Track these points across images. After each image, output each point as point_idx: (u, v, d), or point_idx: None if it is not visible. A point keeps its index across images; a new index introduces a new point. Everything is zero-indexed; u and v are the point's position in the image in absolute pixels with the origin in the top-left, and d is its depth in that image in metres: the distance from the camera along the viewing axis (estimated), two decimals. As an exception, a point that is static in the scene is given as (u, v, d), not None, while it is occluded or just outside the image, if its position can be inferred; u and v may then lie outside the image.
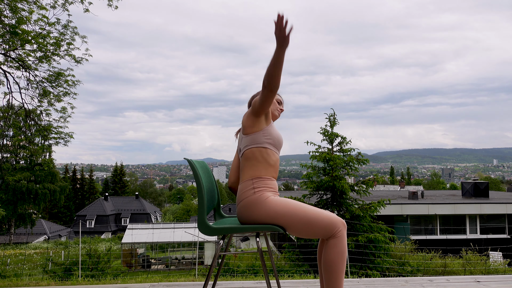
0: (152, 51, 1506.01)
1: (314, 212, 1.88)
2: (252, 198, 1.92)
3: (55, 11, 6.44)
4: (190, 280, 5.38)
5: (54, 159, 12.57)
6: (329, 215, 1.89)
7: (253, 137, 2.00)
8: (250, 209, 1.93)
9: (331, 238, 1.88)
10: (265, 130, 2.00)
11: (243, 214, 1.96)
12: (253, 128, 2.00)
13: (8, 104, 7.28)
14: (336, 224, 1.87)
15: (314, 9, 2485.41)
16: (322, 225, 1.86)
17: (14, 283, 4.74)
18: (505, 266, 9.07)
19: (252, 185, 1.95)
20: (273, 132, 2.04)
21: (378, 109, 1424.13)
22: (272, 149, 2.02)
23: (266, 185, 1.96)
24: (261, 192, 1.93)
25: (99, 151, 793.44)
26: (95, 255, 9.49)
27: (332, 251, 1.86)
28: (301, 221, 1.87)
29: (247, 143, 2.01)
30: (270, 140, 2.01)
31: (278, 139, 2.05)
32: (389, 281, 3.06)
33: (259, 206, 1.91)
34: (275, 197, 1.94)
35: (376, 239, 8.44)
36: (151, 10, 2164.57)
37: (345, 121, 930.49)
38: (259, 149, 1.99)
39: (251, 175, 1.97)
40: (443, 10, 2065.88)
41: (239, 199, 1.98)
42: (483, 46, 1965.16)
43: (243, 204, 1.95)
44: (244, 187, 1.97)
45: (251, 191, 1.94)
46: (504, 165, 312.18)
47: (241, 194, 1.97)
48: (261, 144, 1.99)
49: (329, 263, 1.87)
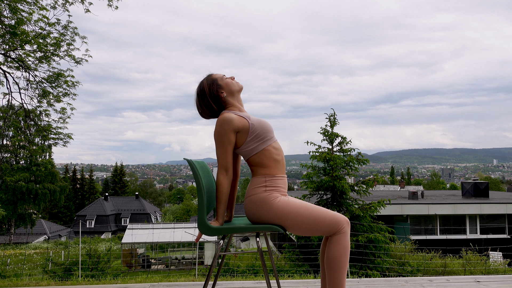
0: (148, 51, 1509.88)
1: (319, 211, 1.93)
2: (262, 196, 1.95)
3: (55, 11, 6.44)
4: (190, 280, 5.38)
5: (52, 159, 12.56)
6: (333, 213, 1.94)
7: (245, 150, 2.00)
8: (258, 205, 1.95)
9: (335, 234, 1.91)
10: (250, 135, 1.98)
11: (250, 208, 1.98)
12: (238, 144, 2.00)
13: (8, 104, 7.28)
14: (340, 221, 1.91)
15: (309, 9, 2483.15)
16: (327, 223, 1.90)
17: (14, 283, 4.74)
18: (505, 266, 9.07)
19: (265, 183, 1.97)
20: (256, 126, 1.99)
21: (376, 109, 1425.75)
22: (268, 143, 2.01)
23: (277, 185, 1.98)
24: (271, 192, 1.95)
25: (98, 151, 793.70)
26: (95, 255, 9.49)
27: (336, 247, 1.90)
28: (307, 220, 1.91)
29: (245, 155, 2.03)
30: (259, 138, 1.98)
31: (264, 129, 2.01)
32: (389, 281, 3.06)
33: (268, 205, 1.93)
34: (284, 198, 1.96)
35: (376, 239, 8.44)
36: (146, 10, 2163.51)
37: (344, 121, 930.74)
38: (258, 155, 1.99)
39: (264, 173, 1.99)
40: (440, 10, 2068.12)
41: (249, 193, 1.99)
42: (481, 46, 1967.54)
43: (252, 199, 1.97)
44: (256, 183, 1.98)
45: (263, 188, 1.96)
46: (504, 165, 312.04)
47: (252, 188, 1.99)
48: (258, 150, 1.99)
49: (333, 258, 1.90)
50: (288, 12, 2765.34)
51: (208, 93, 2.05)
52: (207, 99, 2.05)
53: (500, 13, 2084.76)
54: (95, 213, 46.16)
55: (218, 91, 2.06)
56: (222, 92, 2.06)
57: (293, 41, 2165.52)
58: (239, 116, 1.98)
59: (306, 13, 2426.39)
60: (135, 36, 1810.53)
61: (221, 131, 1.94)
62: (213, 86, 2.06)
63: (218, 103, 2.06)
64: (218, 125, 1.95)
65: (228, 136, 1.94)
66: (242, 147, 1.99)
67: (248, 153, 2.00)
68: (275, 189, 1.97)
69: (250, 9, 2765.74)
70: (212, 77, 2.09)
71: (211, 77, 2.09)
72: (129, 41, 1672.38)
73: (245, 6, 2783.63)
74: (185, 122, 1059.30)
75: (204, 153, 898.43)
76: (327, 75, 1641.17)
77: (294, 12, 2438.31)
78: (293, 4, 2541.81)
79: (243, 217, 2.33)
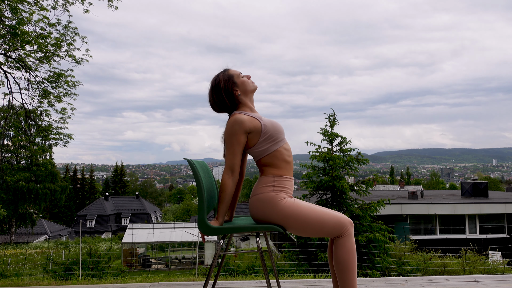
0: (147, 52, 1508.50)
1: (323, 214, 1.94)
2: (269, 196, 1.95)
3: (55, 11, 6.45)
4: (190, 280, 5.40)
5: (53, 159, 12.58)
6: (337, 215, 1.95)
7: (257, 150, 2.01)
8: (264, 205, 1.96)
9: (339, 237, 1.93)
10: (262, 136, 1.98)
11: (256, 207, 1.99)
12: (250, 145, 2.00)
13: (9, 104, 7.29)
14: (344, 223, 1.92)
15: (308, 10, 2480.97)
16: (331, 225, 1.92)
17: (15, 282, 4.76)
18: (504, 266, 9.09)
19: (273, 183, 1.98)
20: (268, 127, 1.99)
21: (376, 109, 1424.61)
22: (280, 144, 2.02)
23: (285, 186, 1.99)
24: (278, 192, 1.96)
25: (99, 151, 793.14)
26: (95, 255, 9.49)
27: (343, 250, 1.91)
28: (311, 222, 1.92)
29: (256, 156, 2.03)
30: (271, 139, 1.99)
31: (276, 130, 2.02)
32: (389, 280, 3.07)
33: (274, 205, 1.94)
34: (290, 199, 1.97)
35: (376, 238, 8.45)
36: (145, 11, 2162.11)
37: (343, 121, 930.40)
38: (270, 156, 2.00)
39: (273, 173, 2.00)
40: (438, 10, 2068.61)
41: (256, 191, 2.00)
42: (480, 46, 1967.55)
43: (259, 198, 1.97)
44: (264, 182, 1.99)
45: (270, 188, 1.97)
46: (504, 165, 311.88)
47: (259, 187, 1.99)
48: (270, 151, 2.00)
49: (341, 262, 1.91)
50: (286, 13, 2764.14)
51: (222, 88, 2.04)
52: (220, 94, 2.04)
53: (499, 13, 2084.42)
54: (95, 213, 46.19)
55: (233, 88, 2.05)
56: (237, 90, 2.05)
57: (291, 41, 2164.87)
58: (251, 117, 1.98)
59: (305, 13, 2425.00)
60: (133, 36, 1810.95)
61: (232, 132, 1.94)
62: (229, 82, 2.05)
63: (231, 100, 2.05)
64: (229, 126, 1.96)
65: (237, 137, 1.94)
66: (254, 147, 1.99)
67: (260, 154, 2.00)
68: (283, 190, 1.98)
69: (249, 9, 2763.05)
70: (229, 73, 2.08)
71: (228, 73, 2.08)
72: (128, 41, 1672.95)
73: (244, 7, 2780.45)
74: (184, 122, 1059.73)
75: (204, 153, 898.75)
76: (326, 75, 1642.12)
77: (292, 12, 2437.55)
78: (292, 5, 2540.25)
79: (243, 217, 2.35)
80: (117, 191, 60.65)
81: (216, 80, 2.06)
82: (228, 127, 1.96)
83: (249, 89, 2.08)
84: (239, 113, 1.99)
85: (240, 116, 1.96)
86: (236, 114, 1.98)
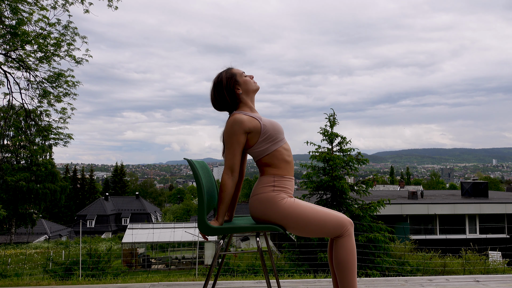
0: (147, 52, 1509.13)
1: (323, 213, 1.94)
2: (269, 196, 1.95)
3: (55, 11, 6.45)
4: (190, 280, 5.40)
5: (53, 159, 12.58)
6: (337, 215, 1.95)
7: (256, 150, 2.01)
8: (264, 204, 1.96)
9: (339, 237, 1.93)
10: (262, 136, 1.98)
11: (256, 207, 1.99)
12: (249, 145, 2.01)
13: (9, 104, 7.29)
14: (344, 223, 1.93)
15: (308, 10, 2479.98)
16: (331, 225, 1.92)
17: (15, 282, 4.76)
18: (504, 266, 9.09)
19: (273, 183, 1.98)
20: (268, 127, 1.99)
21: (376, 109, 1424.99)
22: (280, 144, 2.02)
23: (285, 186, 1.99)
24: (279, 192, 1.96)
25: (99, 151, 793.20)
26: (95, 255, 9.49)
27: (343, 251, 1.92)
28: (311, 222, 1.92)
29: (256, 156, 2.03)
30: (271, 139, 1.99)
31: (275, 130, 2.02)
32: (389, 280, 3.07)
33: (274, 205, 1.94)
34: (290, 199, 1.97)
35: (376, 238, 8.45)
36: (144, 11, 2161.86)
37: (343, 121, 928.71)
38: (270, 155, 2.00)
39: (273, 173, 2.00)
40: (438, 10, 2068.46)
41: (256, 191, 2.00)
42: (480, 46, 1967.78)
43: (259, 198, 1.97)
44: (265, 182, 1.99)
45: (271, 188, 1.97)
46: (504, 165, 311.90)
47: (260, 187, 1.99)
48: (269, 151, 2.00)
49: (341, 262, 1.91)
50: (286, 13, 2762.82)
51: (224, 85, 2.04)
52: (222, 91, 2.04)
53: (498, 13, 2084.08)
54: (95, 213, 46.20)
55: (235, 86, 2.06)
56: (238, 89, 2.06)
57: (291, 41, 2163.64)
58: (250, 117, 1.98)
59: (305, 14, 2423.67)
60: (133, 36, 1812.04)
61: (231, 132, 1.94)
62: (231, 80, 2.06)
63: (232, 97, 2.05)
64: (229, 126, 1.96)
65: (237, 137, 1.94)
66: (254, 147, 1.99)
67: (260, 153, 2.00)
68: (283, 190, 1.98)
69: (249, 9, 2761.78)
70: (232, 71, 2.09)
71: (230, 71, 2.09)
72: (127, 41, 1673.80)
73: (244, 7, 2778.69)
74: (184, 122, 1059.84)
75: (204, 153, 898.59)
76: (326, 75, 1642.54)
77: (292, 12, 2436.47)
78: (292, 5, 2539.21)
79: (243, 217, 2.34)
80: (117, 191, 60.64)
81: (219, 78, 2.07)
82: (228, 127, 1.97)
83: (251, 88, 2.09)
84: (239, 113, 1.99)
85: (240, 116, 1.96)
86: (236, 114, 1.98)
